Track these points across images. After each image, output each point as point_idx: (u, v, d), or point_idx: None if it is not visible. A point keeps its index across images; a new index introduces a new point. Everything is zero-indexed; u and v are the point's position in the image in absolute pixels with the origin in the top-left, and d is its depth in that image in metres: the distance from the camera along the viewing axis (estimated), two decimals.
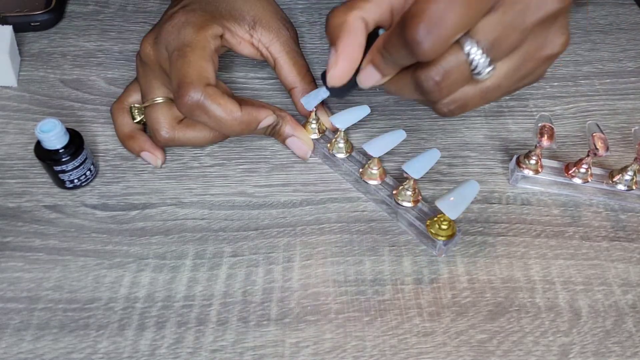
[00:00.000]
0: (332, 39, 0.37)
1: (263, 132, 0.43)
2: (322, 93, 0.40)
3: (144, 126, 0.45)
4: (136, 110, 0.44)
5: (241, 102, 0.40)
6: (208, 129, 0.43)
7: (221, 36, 0.42)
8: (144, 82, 0.43)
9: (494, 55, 0.32)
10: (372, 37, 0.37)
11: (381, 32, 0.37)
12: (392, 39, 0.33)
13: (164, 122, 0.42)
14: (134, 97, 0.45)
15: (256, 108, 0.41)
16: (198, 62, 0.39)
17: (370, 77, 0.36)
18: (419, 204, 0.41)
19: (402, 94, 0.36)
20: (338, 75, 0.37)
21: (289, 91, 0.46)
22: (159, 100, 0.42)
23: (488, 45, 0.32)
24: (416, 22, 0.30)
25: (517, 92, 0.51)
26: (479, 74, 0.33)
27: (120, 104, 0.45)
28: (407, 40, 0.31)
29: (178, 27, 0.40)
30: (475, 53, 0.32)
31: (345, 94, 0.39)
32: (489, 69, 0.33)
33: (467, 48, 0.32)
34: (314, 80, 0.46)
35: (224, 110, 0.39)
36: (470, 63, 0.32)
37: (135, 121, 0.44)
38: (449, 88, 0.33)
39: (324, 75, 0.38)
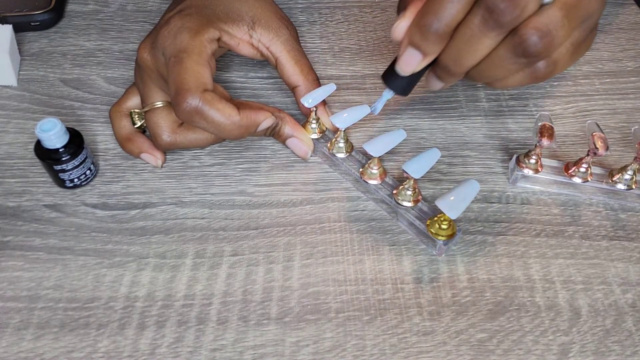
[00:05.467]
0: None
1: (263, 133, 0.43)
2: (386, 94, 0.41)
3: (144, 131, 0.45)
4: (136, 116, 0.44)
5: (239, 105, 0.40)
6: None
7: (218, 39, 0.42)
8: (143, 87, 0.43)
9: None
10: None
11: None
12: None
13: (165, 126, 0.42)
14: (133, 101, 0.45)
15: (254, 111, 0.41)
16: (194, 68, 0.38)
17: (411, 60, 0.37)
18: (419, 204, 0.41)
19: (495, 71, 0.37)
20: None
21: (292, 90, 0.46)
22: (159, 104, 0.42)
23: None
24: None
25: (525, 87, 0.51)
26: None
27: (119, 107, 0.45)
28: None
29: (174, 32, 0.40)
30: None
31: (408, 89, 0.40)
32: None
33: None
34: (317, 78, 0.46)
35: (223, 115, 0.38)
36: None
37: (135, 126, 0.44)
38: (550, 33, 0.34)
39: (384, 77, 0.40)
